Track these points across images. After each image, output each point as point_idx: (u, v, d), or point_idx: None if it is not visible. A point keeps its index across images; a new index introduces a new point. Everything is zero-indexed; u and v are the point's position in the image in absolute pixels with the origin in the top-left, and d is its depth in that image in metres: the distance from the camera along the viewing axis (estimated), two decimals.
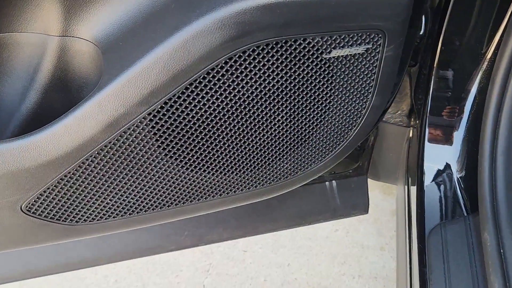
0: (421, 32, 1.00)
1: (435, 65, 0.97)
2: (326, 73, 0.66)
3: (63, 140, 0.62)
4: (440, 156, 0.98)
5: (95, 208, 0.72)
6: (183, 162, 0.70)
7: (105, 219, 0.75)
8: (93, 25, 0.63)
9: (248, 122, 0.68)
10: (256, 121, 0.69)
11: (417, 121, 1.08)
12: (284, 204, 1.23)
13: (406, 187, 1.12)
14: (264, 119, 0.69)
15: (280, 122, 0.70)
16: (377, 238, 1.82)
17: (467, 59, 0.93)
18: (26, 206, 0.69)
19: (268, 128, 0.70)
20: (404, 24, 0.63)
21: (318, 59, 0.64)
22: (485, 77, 0.92)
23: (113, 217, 0.75)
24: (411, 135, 1.17)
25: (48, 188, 0.67)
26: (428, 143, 1.00)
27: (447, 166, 0.98)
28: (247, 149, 0.72)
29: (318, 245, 1.78)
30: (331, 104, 0.70)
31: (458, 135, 0.97)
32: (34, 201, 0.68)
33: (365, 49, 0.64)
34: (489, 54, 0.90)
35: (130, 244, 1.18)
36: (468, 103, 0.95)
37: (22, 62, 0.69)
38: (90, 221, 0.74)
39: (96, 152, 0.64)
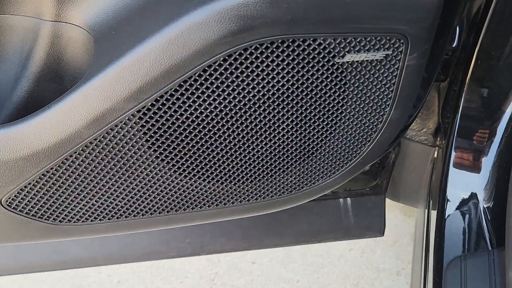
0: (454, 44, 0.91)
1: (467, 81, 0.88)
2: (338, 79, 0.59)
3: (44, 133, 0.57)
4: (466, 182, 0.89)
5: (79, 208, 0.67)
6: (176, 167, 0.65)
7: (91, 221, 0.70)
8: (87, 10, 0.59)
9: (248, 128, 0.62)
10: (257, 127, 0.62)
11: (443, 141, 0.99)
12: (293, 218, 1.16)
13: (426, 211, 1.03)
14: (266, 126, 0.62)
15: (284, 131, 0.64)
16: (394, 261, 1.71)
17: (504, 77, 0.84)
18: (7, 201, 0.64)
19: (271, 136, 0.64)
20: (431, 30, 0.55)
21: (330, 63, 0.57)
22: None
23: (99, 220, 0.70)
24: (436, 155, 1.08)
25: (29, 184, 0.62)
26: (453, 167, 0.91)
27: (473, 193, 0.88)
28: (246, 158, 0.66)
29: (331, 263, 1.69)
30: (342, 114, 0.63)
31: (488, 160, 0.88)
32: (15, 196, 0.64)
33: (384, 55, 0.56)
34: None
35: (129, 247, 1.13)
36: (501, 125, 0.86)
37: (15, 46, 0.64)
38: (74, 222, 0.69)
39: (81, 149, 0.59)
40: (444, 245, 0.88)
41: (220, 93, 0.57)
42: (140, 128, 0.58)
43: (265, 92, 0.58)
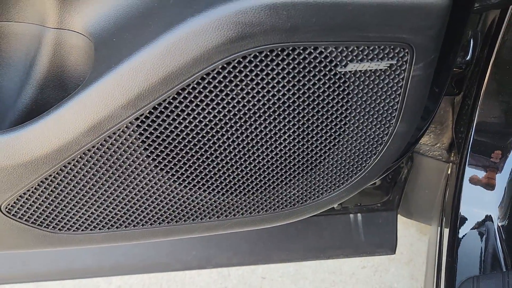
0: (468, 57, 0.89)
1: (481, 96, 0.85)
2: (340, 89, 0.57)
3: (43, 140, 0.57)
4: (480, 200, 0.86)
5: (79, 217, 0.67)
6: (175, 177, 0.63)
7: (90, 230, 0.69)
8: (89, 18, 0.59)
9: (249, 138, 0.61)
10: (258, 137, 0.61)
11: (458, 157, 0.96)
12: (302, 233, 1.13)
13: (439, 229, 1.00)
14: (267, 136, 0.61)
15: (285, 141, 0.62)
16: (408, 281, 1.66)
17: None
18: (6, 207, 0.64)
19: (272, 146, 0.62)
20: (437, 39, 0.53)
21: (332, 73, 0.55)
22: None
23: (99, 229, 0.69)
24: (450, 171, 1.04)
25: (28, 190, 0.62)
26: (467, 184, 0.88)
27: (487, 211, 0.85)
28: (247, 168, 0.64)
29: (342, 281, 1.65)
30: (346, 126, 0.61)
31: (503, 177, 0.84)
32: (14, 203, 0.64)
33: (388, 65, 0.55)
34: None
35: (135, 259, 1.13)
36: None
37: (20, 54, 0.65)
38: (73, 230, 0.68)
39: (79, 156, 0.59)
40: (456, 265, 0.84)
41: (219, 101, 0.56)
42: (138, 136, 0.58)
43: (265, 101, 0.57)
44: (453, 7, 0.53)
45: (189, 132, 0.58)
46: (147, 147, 0.59)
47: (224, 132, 0.59)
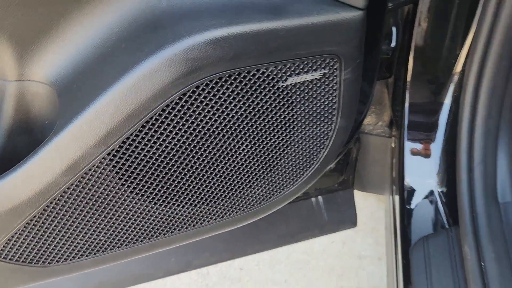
0: (393, 44, 0.99)
1: (409, 78, 0.96)
2: (285, 100, 0.65)
3: (24, 186, 0.62)
4: (420, 169, 0.97)
5: (65, 249, 0.72)
6: (150, 198, 0.70)
7: (78, 258, 0.74)
8: (47, 67, 0.63)
9: (211, 154, 0.68)
10: (219, 152, 0.68)
11: (398, 132, 1.07)
12: (271, 224, 1.22)
13: (391, 199, 1.11)
14: (227, 150, 0.68)
15: (244, 151, 0.70)
16: (374, 247, 1.80)
17: (439, 70, 0.93)
18: None
19: (233, 157, 0.70)
20: (359, 48, 0.62)
21: (275, 88, 0.63)
22: (459, 87, 0.92)
23: (86, 256, 0.74)
24: (393, 145, 1.16)
25: (16, 233, 0.67)
26: (408, 156, 0.99)
27: (428, 179, 0.96)
28: (214, 180, 0.72)
29: (315, 258, 1.77)
30: (295, 129, 0.70)
31: (436, 147, 0.96)
32: (3, 247, 0.68)
33: (322, 74, 0.63)
34: (459, 64, 0.89)
35: (118, 274, 1.18)
36: (443, 114, 0.94)
37: None
38: (62, 261, 0.73)
39: (60, 195, 0.64)
40: (408, 229, 0.96)
41: (181, 127, 0.63)
42: (112, 168, 0.64)
43: (222, 120, 0.64)
44: (369, 13, 0.62)
45: (157, 157, 0.65)
46: (121, 176, 0.65)
47: (188, 153, 0.66)
